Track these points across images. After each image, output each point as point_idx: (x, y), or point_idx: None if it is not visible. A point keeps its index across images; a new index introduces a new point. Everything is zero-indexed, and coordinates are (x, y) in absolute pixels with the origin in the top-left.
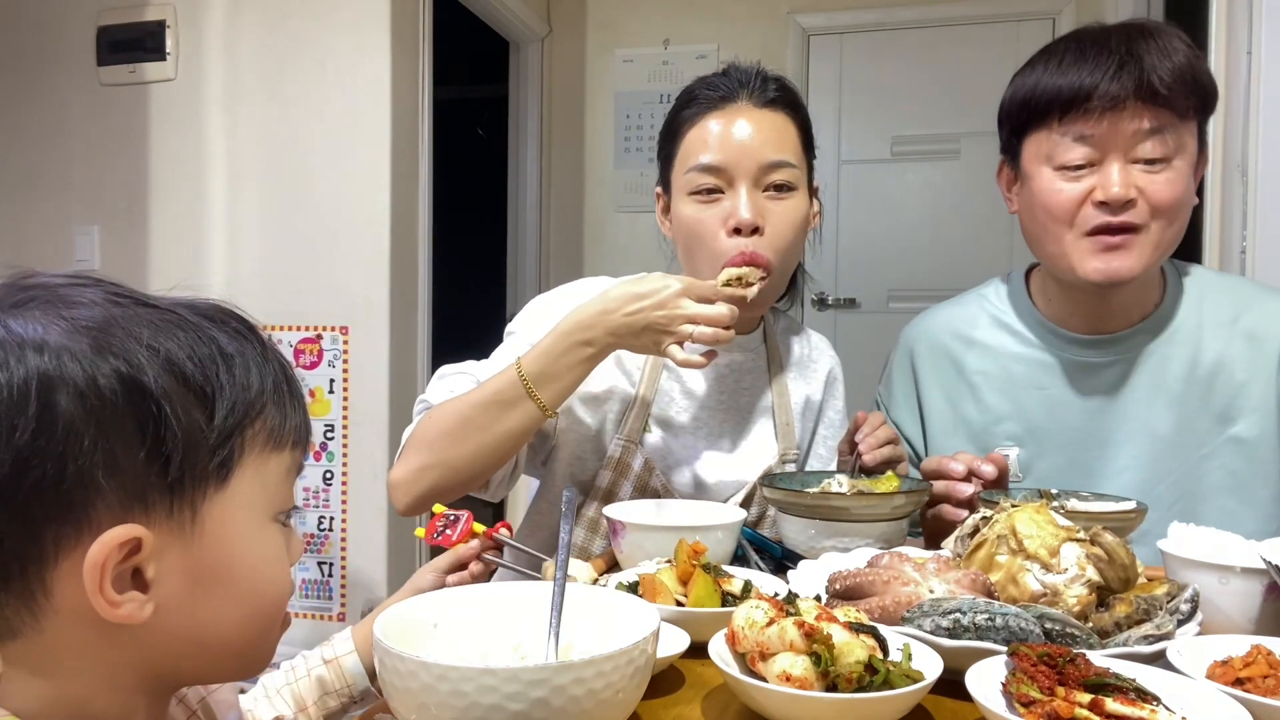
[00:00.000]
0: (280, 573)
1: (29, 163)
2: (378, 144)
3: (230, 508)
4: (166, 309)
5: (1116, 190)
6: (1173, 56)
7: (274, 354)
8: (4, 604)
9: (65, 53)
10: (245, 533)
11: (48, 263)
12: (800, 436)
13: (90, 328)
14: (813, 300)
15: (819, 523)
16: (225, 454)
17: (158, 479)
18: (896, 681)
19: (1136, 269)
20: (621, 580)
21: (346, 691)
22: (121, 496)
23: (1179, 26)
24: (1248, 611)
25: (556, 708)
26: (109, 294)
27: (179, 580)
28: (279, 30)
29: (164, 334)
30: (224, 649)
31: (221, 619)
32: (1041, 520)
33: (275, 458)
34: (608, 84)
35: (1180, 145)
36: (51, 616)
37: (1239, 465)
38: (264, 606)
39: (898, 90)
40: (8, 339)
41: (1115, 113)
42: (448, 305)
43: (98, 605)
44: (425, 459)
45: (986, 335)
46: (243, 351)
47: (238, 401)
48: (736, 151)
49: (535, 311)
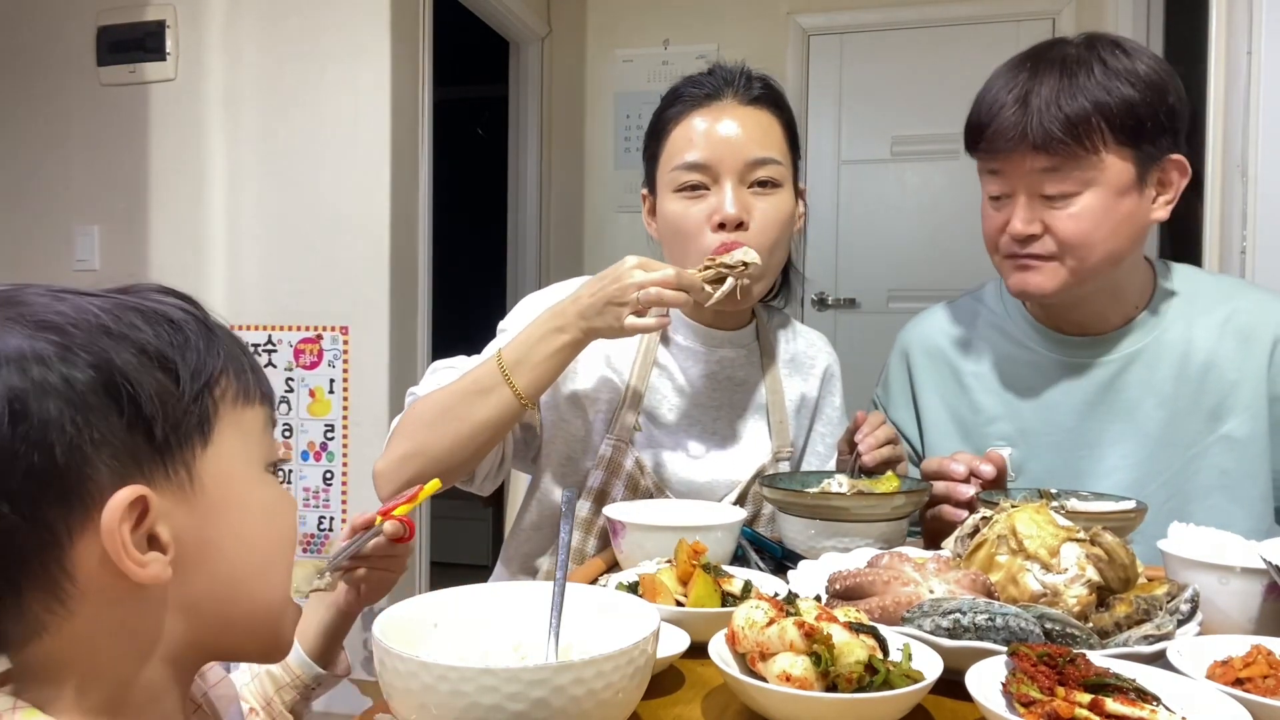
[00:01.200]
0: (286, 513)
1: (29, 163)
2: (378, 144)
3: (222, 462)
4: (109, 295)
5: (1017, 226)
6: (1070, 97)
7: (218, 325)
8: (31, 600)
9: (65, 53)
10: (243, 483)
11: (48, 263)
12: (795, 434)
13: (48, 324)
14: (813, 300)
15: (819, 523)
16: (200, 411)
17: (145, 443)
18: (896, 681)
19: (1048, 288)
20: (621, 580)
21: (298, 682)
22: (115, 466)
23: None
24: (1248, 611)
25: (556, 708)
26: (49, 293)
27: (193, 539)
28: (279, 30)
29: (116, 317)
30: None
31: (240, 575)
32: (1041, 520)
33: (249, 411)
34: (607, 84)
35: (1086, 181)
36: (80, 600)
37: (1230, 464)
38: (278, 548)
39: (898, 90)
40: None
41: (1007, 153)
42: (448, 305)
43: (126, 568)
44: (407, 448)
45: (980, 337)
46: (188, 321)
47: (198, 367)
48: (721, 148)
49: (525, 308)
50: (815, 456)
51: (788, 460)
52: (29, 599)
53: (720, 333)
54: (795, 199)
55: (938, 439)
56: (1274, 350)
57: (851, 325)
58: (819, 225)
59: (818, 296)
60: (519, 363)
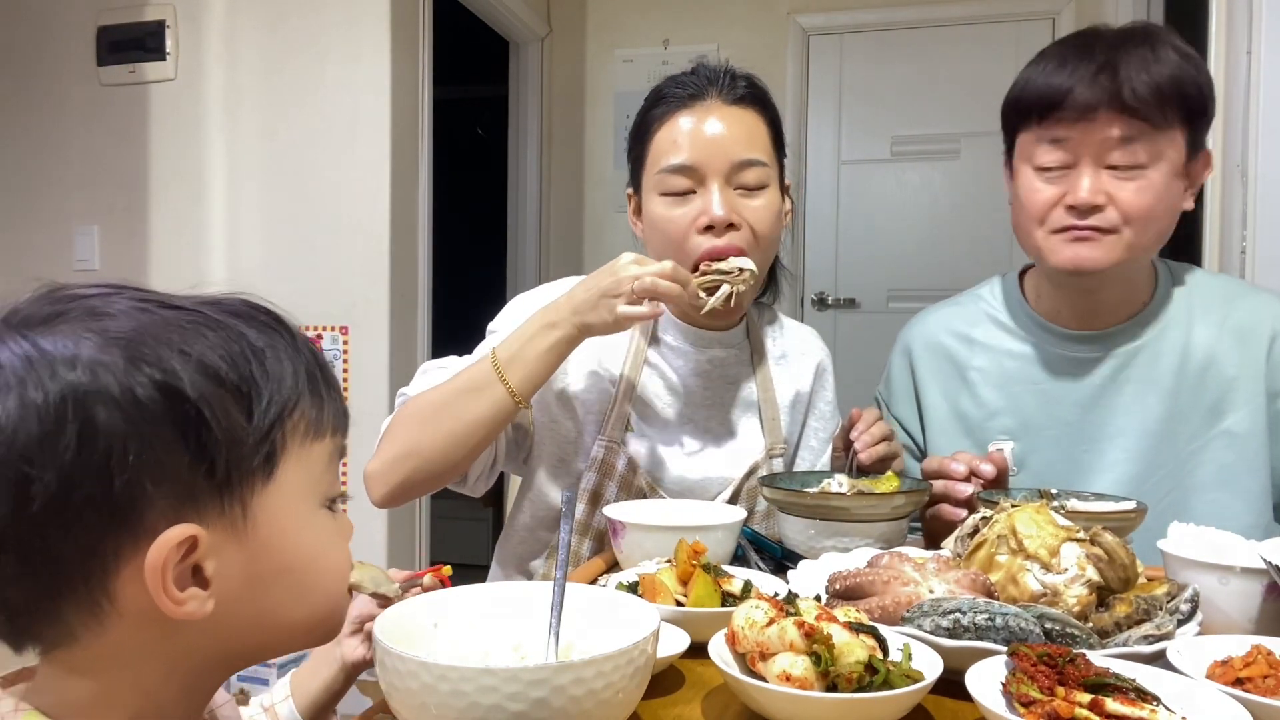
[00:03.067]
0: (337, 555)
1: (29, 163)
2: (378, 144)
3: (279, 500)
4: (193, 309)
5: (1084, 195)
6: (1155, 66)
7: (304, 344)
8: (68, 613)
9: (65, 53)
10: (296, 523)
11: (48, 263)
12: (789, 430)
13: (121, 338)
14: (812, 300)
15: (819, 523)
16: (268, 449)
17: (205, 480)
18: (896, 681)
19: (1103, 262)
20: (621, 580)
21: None
22: (172, 501)
23: (1178, 27)
24: (1248, 611)
25: (556, 708)
26: (135, 302)
27: (238, 574)
28: (279, 30)
29: (195, 337)
30: (291, 631)
31: (283, 606)
32: (1041, 520)
33: (317, 446)
34: (608, 84)
35: (1157, 154)
36: (115, 620)
37: (1229, 459)
38: (324, 590)
39: (898, 90)
40: (40, 358)
41: (1087, 120)
42: (448, 305)
43: (162, 605)
44: (399, 449)
45: (982, 333)
46: (273, 345)
47: (274, 396)
48: (707, 149)
49: (515, 309)
50: (809, 451)
51: (781, 457)
52: (66, 611)
53: (710, 333)
54: (782, 196)
55: (940, 435)
56: (1272, 347)
57: (851, 325)
58: (819, 225)
59: (817, 296)
60: (512, 360)
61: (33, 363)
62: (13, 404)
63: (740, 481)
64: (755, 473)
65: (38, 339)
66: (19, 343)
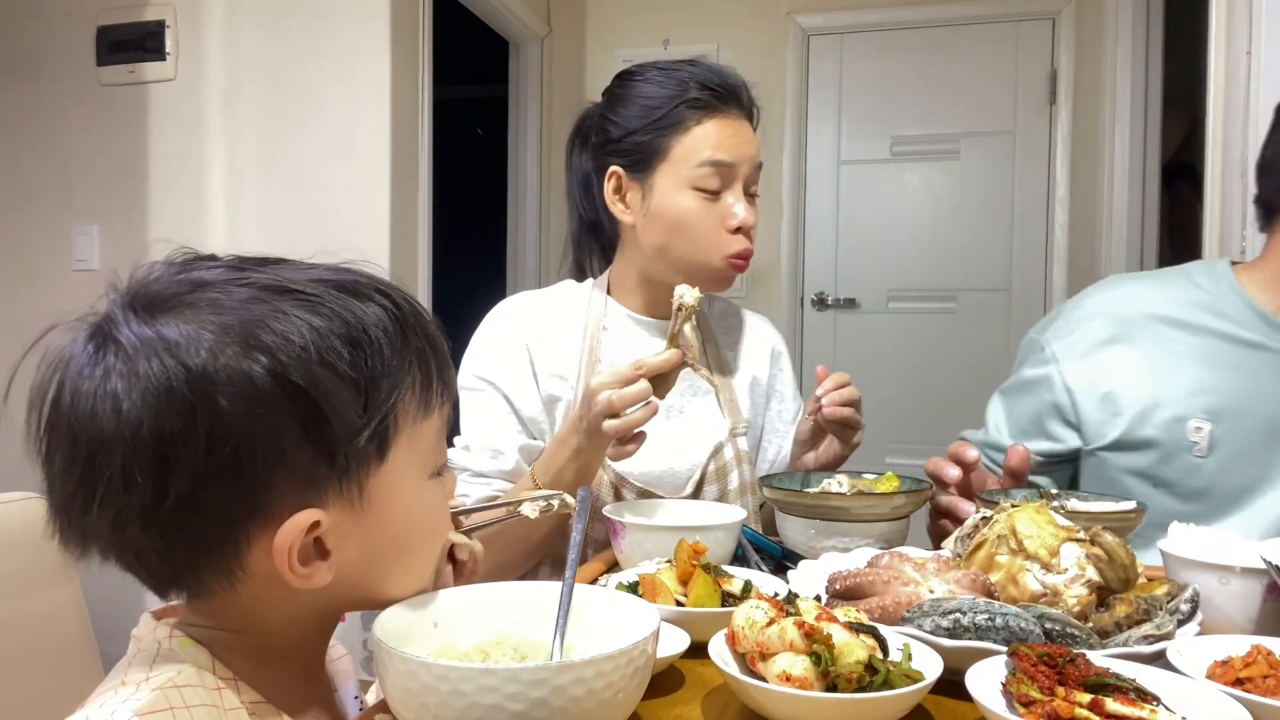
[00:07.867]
0: (441, 521)
1: (29, 162)
2: (378, 144)
3: (392, 478)
4: (311, 295)
5: None
6: None
7: (414, 317)
8: (205, 575)
9: (65, 53)
10: (407, 497)
11: (48, 263)
12: (751, 414)
13: (241, 334)
14: (812, 300)
15: (819, 523)
16: (381, 434)
17: (325, 468)
18: (896, 681)
19: None
20: (621, 580)
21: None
22: (297, 488)
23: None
24: (1248, 611)
25: (556, 708)
26: (256, 290)
27: (355, 546)
28: (279, 30)
29: (314, 329)
30: (397, 591)
31: (392, 571)
32: (1041, 520)
33: (426, 423)
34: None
35: None
36: (246, 581)
37: None
38: (429, 556)
39: (897, 90)
40: (160, 344)
41: None
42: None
43: (288, 579)
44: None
45: (1193, 311)
46: (384, 323)
47: (386, 380)
48: (739, 153)
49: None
50: (775, 435)
51: (744, 435)
52: (204, 574)
53: (657, 322)
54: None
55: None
56: None
57: (851, 325)
58: (819, 225)
59: (817, 296)
60: (556, 482)
61: (156, 352)
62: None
63: (705, 462)
64: (720, 452)
65: (160, 327)
66: (142, 327)
